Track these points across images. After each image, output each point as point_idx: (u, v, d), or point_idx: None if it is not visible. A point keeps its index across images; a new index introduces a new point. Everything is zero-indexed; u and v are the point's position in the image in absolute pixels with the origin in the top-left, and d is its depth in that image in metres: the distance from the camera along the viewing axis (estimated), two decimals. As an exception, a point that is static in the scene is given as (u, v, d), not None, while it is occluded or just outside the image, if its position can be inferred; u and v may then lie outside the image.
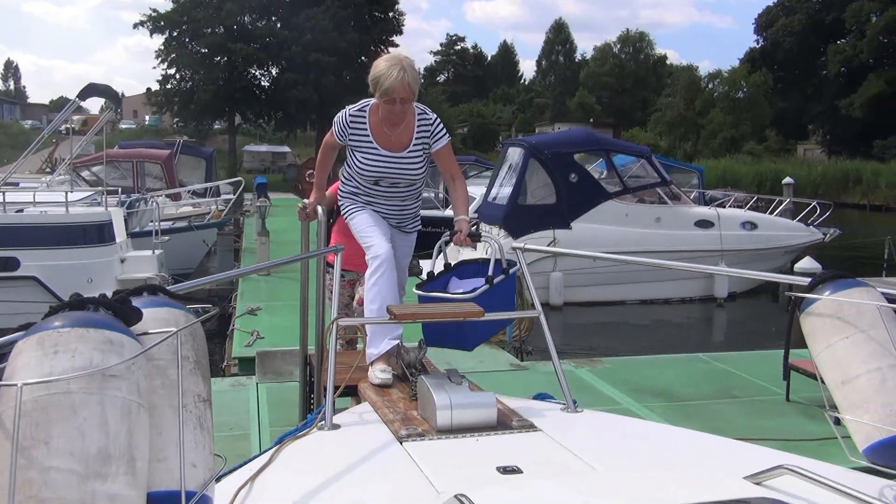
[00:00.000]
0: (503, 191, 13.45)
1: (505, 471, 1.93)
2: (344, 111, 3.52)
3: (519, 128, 60.52)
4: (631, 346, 10.62)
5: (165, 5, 43.02)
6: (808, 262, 11.02)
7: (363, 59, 45.09)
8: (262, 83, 45.93)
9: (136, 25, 42.97)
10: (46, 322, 1.39)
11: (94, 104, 40.06)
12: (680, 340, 11.15)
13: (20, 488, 1.23)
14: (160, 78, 43.86)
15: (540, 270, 11.91)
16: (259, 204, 14.26)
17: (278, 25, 44.31)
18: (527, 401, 2.68)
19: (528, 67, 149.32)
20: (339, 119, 3.52)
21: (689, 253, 12.67)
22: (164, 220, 13.75)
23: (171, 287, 1.83)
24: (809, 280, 2.19)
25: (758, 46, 55.89)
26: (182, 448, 1.49)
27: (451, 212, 3.60)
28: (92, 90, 14.25)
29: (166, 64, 43.22)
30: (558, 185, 12.92)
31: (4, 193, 10.62)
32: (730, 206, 16.25)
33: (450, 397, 2.34)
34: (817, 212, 15.58)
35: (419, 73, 3.43)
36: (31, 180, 16.15)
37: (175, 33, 43.09)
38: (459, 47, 79.99)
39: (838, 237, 15.24)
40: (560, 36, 76.65)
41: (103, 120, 14.52)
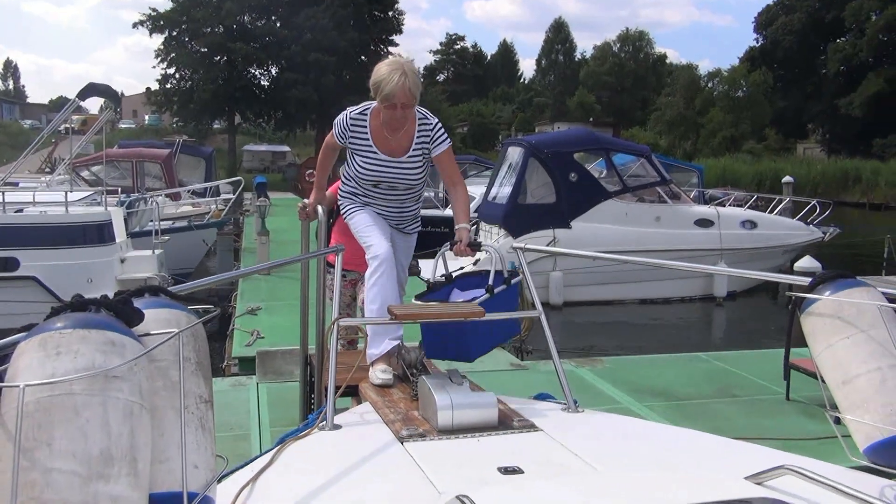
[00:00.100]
0: (503, 190, 13.45)
1: (506, 471, 1.93)
2: (345, 113, 3.49)
3: (519, 127, 60.52)
4: (631, 345, 10.62)
5: (165, 5, 43.03)
6: (807, 260, 11.02)
7: (363, 58, 45.10)
8: (262, 83, 45.93)
9: (135, 25, 42.99)
10: (48, 323, 1.39)
11: (93, 104, 40.09)
12: (680, 339, 11.16)
13: (22, 489, 1.24)
14: (160, 77, 43.89)
15: (540, 270, 11.92)
16: (259, 203, 14.25)
17: (278, 25, 44.31)
18: (528, 401, 2.69)
19: (527, 67, 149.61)
20: (339, 121, 3.49)
21: (689, 252, 12.68)
22: (163, 219, 13.75)
23: (173, 288, 1.84)
24: (810, 280, 2.19)
25: (757, 45, 55.87)
26: (184, 449, 1.49)
27: (451, 211, 3.58)
28: (91, 90, 14.26)
29: (166, 63, 43.23)
30: (558, 184, 12.92)
31: (4, 193, 10.62)
32: (729, 205, 16.25)
33: (451, 397, 2.34)
34: (817, 211, 15.58)
35: (420, 74, 3.40)
36: (30, 180, 16.16)
37: (174, 33, 43.07)
38: (459, 46, 80.00)
39: (838, 236, 15.25)
40: (560, 35, 76.63)
41: (103, 120, 14.54)
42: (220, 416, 1.54)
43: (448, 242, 3.36)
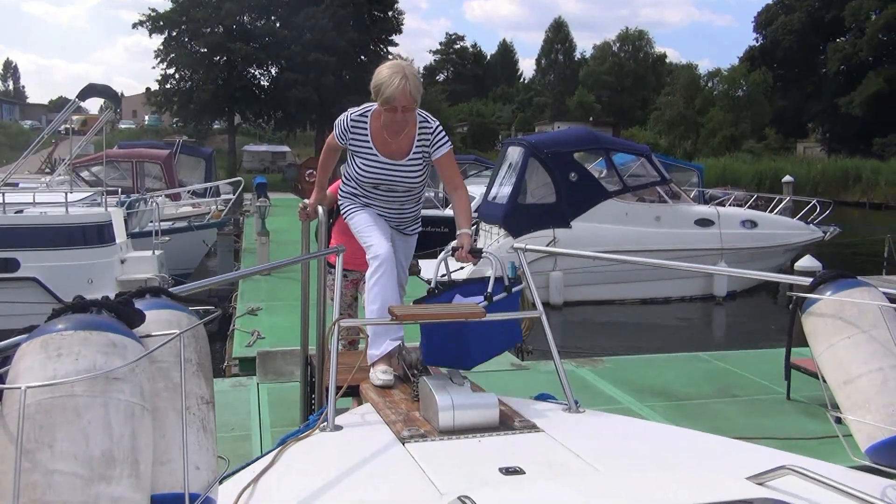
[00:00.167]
0: (503, 190, 13.45)
1: (507, 471, 1.93)
2: (346, 114, 3.47)
3: (518, 127, 60.52)
4: (631, 345, 10.62)
5: (165, 5, 43.05)
6: (808, 260, 11.03)
7: (363, 58, 45.15)
8: (262, 83, 45.95)
9: (135, 25, 43.02)
10: (49, 325, 1.39)
11: (93, 104, 40.11)
12: (680, 339, 11.16)
13: (24, 491, 1.24)
14: (159, 78, 43.92)
15: (540, 270, 11.92)
16: (259, 204, 14.25)
17: (278, 25, 44.32)
18: (529, 401, 2.69)
19: (527, 66, 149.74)
20: (340, 122, 3.48)
21: (690, 251, 12.68)
22: (163, 220, 13.75)
23: (174, 289, 1.84)
24: (811, 280, 2.19)
25: (757, 45, 55.88)
26: (185, 450, 1.49)
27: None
28: (91, 90, 14.26)
29: (165, 64, 43.24)
30: (558, 184, 12.92)
31: (4, 194, 10.60)
32: (730, 205, 16.26)
33: (452, 398, 2.34)
34: (817, 210, 15.59)
35: (420, 75, 3.38)
36: (30, 181, 16.16)
37: (174, 33, 43.08)
38: (459, 46, 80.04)
39: (838, 235, 15.25)
40: (559, 35, 76.62)
41: (103, 120, 14.54)
42: (221, 416, 1.54)
43: (450, 248, 3.32)
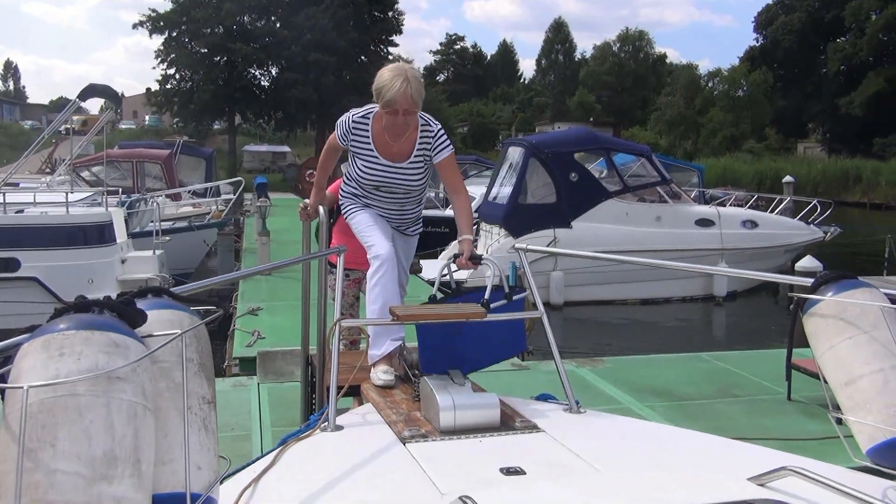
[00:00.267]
0: (503, 190, 13.46)
1: (508, 472, 1.93)
2: (348, 115, 3.46)
3: (519, 127, 60.53)
4: (631, 345, 10.63)
5: (165, 5, 43.05)
6: (808, 260, 11.03)
7: (363, 58, 45.19)
8: (262, 83, 45.95)
9: (135, 26, 43.01)
10: (52, 324, 1.39)
11: (93, 104, 40.19)
12: (680, 339, 11.16)
13: (26, 491, 1.24)
14: (160, 78, 43.90)
15: (540, 270, 11.93)
16: (259, 204, 14.25)
17: (278, 25, 44.31)
18: (529, 401, 2.69)
19: (527, 66, 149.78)
20: (341, 123, 3.47)
21: (690, 252, 12.68)
22: (164, 220, 13.76)
23: (175, 289, 1.84)
24: (812, 280, 2.19)
25: (757, 45, 55.89)
26: (187, 450, 1.49)
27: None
28: (92, 90, 14.28)
29: (166, 64, 43.24)
30: (558, 184, 12.93)
31: (5, 194, 10.62)
32: (730, 205, 16.27)
33: (453, 398, 2.35)
34: (818, 210, 15.59)
35: (422, 81, 3.30)
36: (31, 181, 16.17)
37: (174, 33, 43.08)
38: (459, 46, 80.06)
39: (839, 236, 15.25)
40: (560, 35, 76.64)
41: (103, 120, 14.55)
42: (221, 416, 1.54)
43: (451, 255, 3.31)
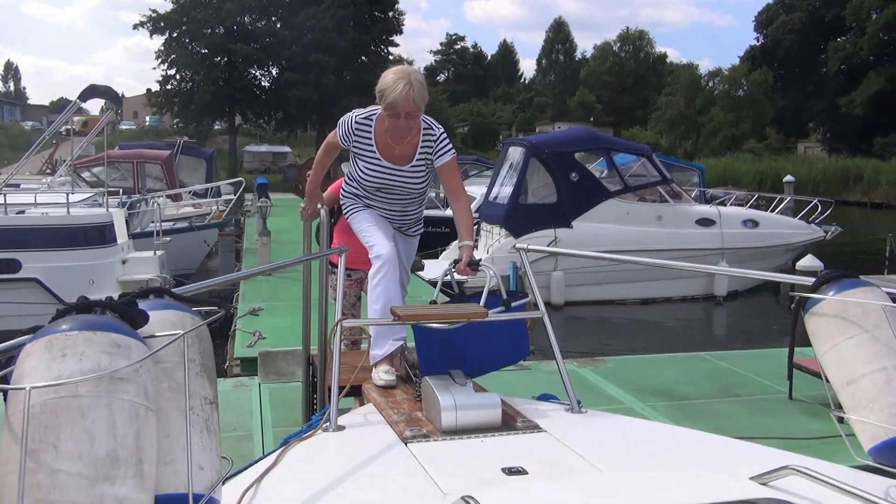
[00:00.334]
0: (504, 190, 13.46)
1: (510, 472, 1.93)
2: (350, 116, 3.43)
3: (519, 127, 60.52)
4: (632, 344, 10.62)
5: (165, 6, 43.10)
6: (809, 259, 11.02)
7: (363, 58, 45.23)
8: (263, 83, 46.01)
9: (136, 26, 43.06)
10: (54, 325, 1.39)
11: (94, 105, 40.20)
12: (681, 339, 11.16)
13: (29, 491, 1.24)
14: (160, 79, 44.00)
15: (541, 270, 11.93)
16: (260, 204, 14.25)
17: (278, 25, 44.35)
18: (531, 401, 2.68)
19: (528, 66, 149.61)
20: (344, 123, 3.44)
21: (691, 251, 12.68)
22: (164, 220, 13.74)
23: (177, 289, 1.84)
24: (814, 280, 2.19)
25: (758, 44, 55.88)
26: (189, 450, 1.49)
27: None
28: (93, 91, 14.25)
29: (166, 65, 43.29)
30: (559, 184, 12.92)
31: (5, 195, 10.62)
32: (731, 205, 16.26)
33: (454, 398, 2.34)
34: (818, 210, 15.58)
35: (426, 86, 3.25)
36: (31, 182, 16.16)
37: (175, 34, 43.12)
38: (459, 46, 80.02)
39: (839, 235, 15.24)
40: (560, 35, 76.63)
41: (104, 121, 14.52)
42: (223, 416, 1.54)
43: (453, 261, 3.31)
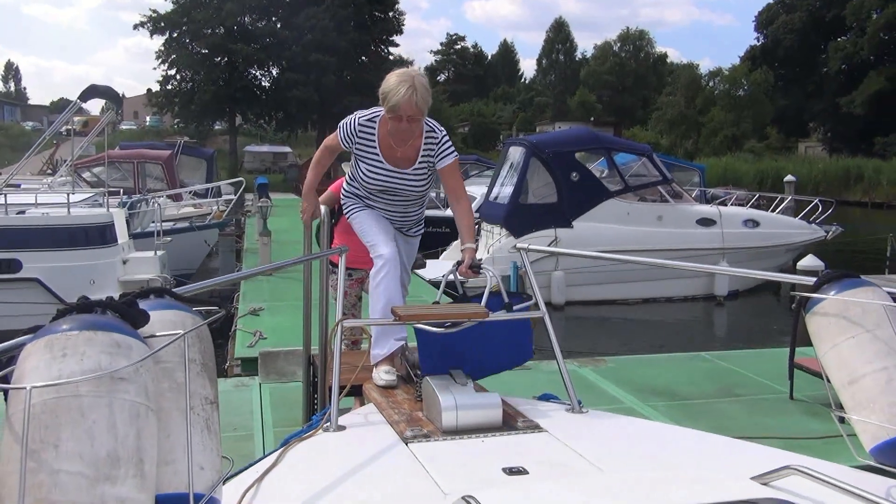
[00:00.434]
0: (504, 190, 13.45)
1: (511, 472, 1.93)
2: (353, 118, 3.41)
3: (520, 127, 60.51)
4: (633, 344, 10.62)
5: (165, 6, 43.13)
6: (810, 259, 11.02)
7: (363, 58, 45.25)
8: (263, 83, 46.05)
9: (136, 26, 43.10)
10: (54, 325, 1.39)
11: (94, 105, 40.21)
12: (682, 339, 11.15)
13: (30, 491, 1.24)
14: (160, 79, 44.06)
15: (542, 269, 11.93)
16: (261, 204, 14.24)
17: (278, 26, 44.38)
18: (532, 401, 2.68)
19: (528, 66, 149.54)
20: (346, 125, 3.40)
21: (691, 251, 12.67)
22: (165, 220, 13.74)
23: (177, 289, 1.84)
24: (815, 279, 2.19)
25: (758, 44, 55.87)
26: (190, 450, 1.49)
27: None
28: (93, 91, 14.25)
29: (167, 65, 43.34)
30: (559, 183, 12.92)
31: (6, 195, 10.62)
32: (731, 204, 16.25)
33: (455, 398, 2.34)
34: (819, 209, 15.58)
35: (429, 83, 3.24)
36: (32, 182, 16.15)
37: (175, 34, 43.16)
38: (459, 46, 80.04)
39: (840, 235, 15.23)
40: (560, 35, 76.63)
41: (104, 121, 14.52)
42: (223, 416, 1.54)
43: (455, 263, 3.30)
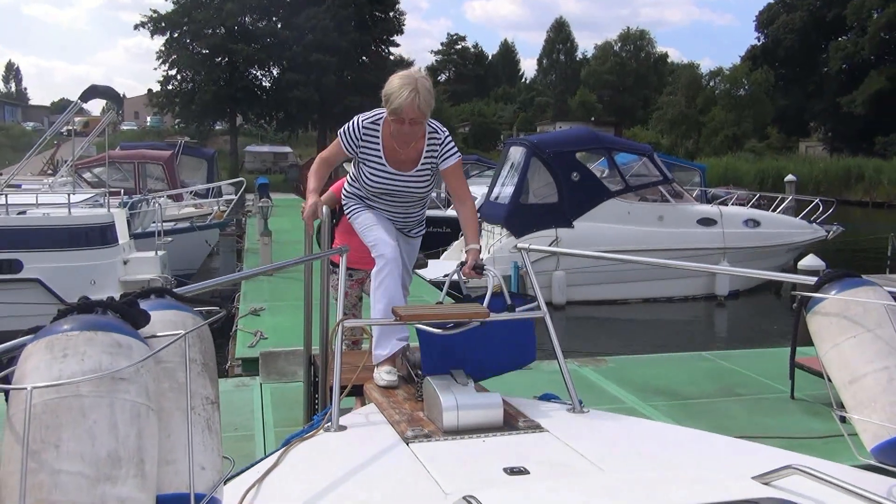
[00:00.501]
0: (505, 190, 13.45)
1: (512, 472, 1.93)
2: (355, 121, 3.38)
3: (520, 127, 60.51)
4: (634, 344, 10.61)
5: (166, 6, 43.16)
6: (811, 259, 11.00)
7: (364, 58, 45.26)
8: (264, 83, 46.10)
9: (136, 26, 43.15)
10: (55, 325, 1.39)
11: (95, 106, 40.24)
12: (683, 339, 11.15)
13: (31, 491, 1.24)
14: (161, 79, 44.12)
15: (542, 269, 11.92)
16: (261, 204, 14.25)
17: (279, 26, 44.41)
18: (533, 401, 2.68)
19: (528, 66, 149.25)
20: (349, 130, 3.37)
21: (692, 251, 12.67)
22: (166, 220, 13.75)
23: (178, 289, 1.83)
24: (816, 279, 2.19)
25: (759, 44, 55.84)
26: (191, 450, 1.49)
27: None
28: (94, 92, 14.25)
29: (167, 65, 43.39)
30: (560, 183, 12.92)
31: (7, 195, 10.63)
32: (732, 204, 16.25)
33: (456, 398, 2.34)
34: (820, 209, 15.56)
35: (432, 85, 3.21)
36: (33, 182, 16.15)
37: (176, 34, 43.20)
38: (460, 46, 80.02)
39: (841, 234, 15.22)
40: (561, 35, 76.65)
41: (105, 121, 14.53)
42: (224, 416, 1.54)
43: (459, 263, 3.30)
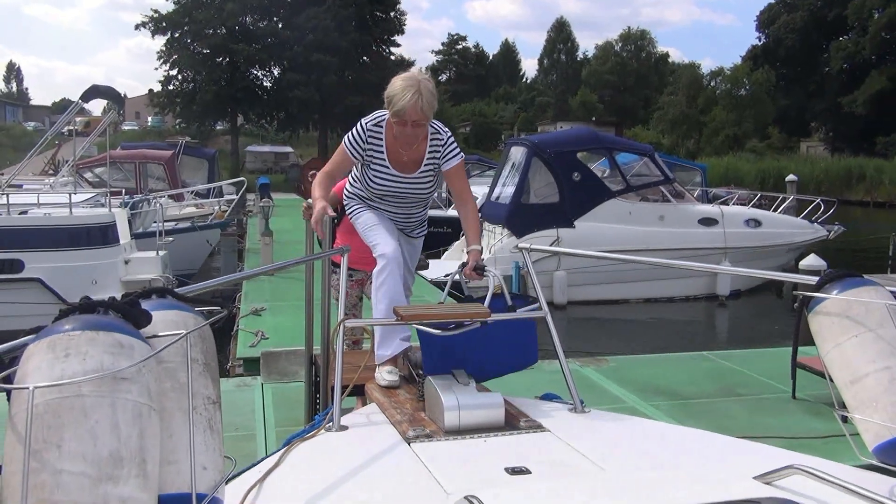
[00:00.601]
0: (506, 190, 13.45)
1: (513, 471, 1.93)
2: (359, 125, 3.36)
3: (521, 127, 60.50)
4: (635, 344, 10.61)
5: (167, 6, 43.16)
6: (812, 259, 11.00)
7: (365, 58, 45.26)
8: (264, 83, 46.10)
9: (137, 27, 43.15)
10: (57, 325, 1.39)
11: (96, 106, 40.30)
12: (684, 338, 11.15)
13: (32, 491, 1.24)
14: (162, 79, 44.10)
15: (543, 269, 11.92)
16: (262, 204, 14.25)
17: (280, 26, 44.41)
18: (534, 401, 2.68)
19: (529, 66, 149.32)
20: (354, 133, 3.35)
21: (693, 251, 12.66)
22: (167, 220, 13.74)
23: (179, 289, 1.84)
24: (817, 279, 2.19)
25: (760, 44, 55.85)
26: (192, 450, 1.49)
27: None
28: (95, 92, 14.25)
29: (168, 65, 43.39)
30: (561, 183, 12.91)
31: (8, 195, 10.64)
32: (733, 204, 16.24)
33: (457, 398, 2.34)
34: (821, 209, 15.55)
35: (434, 87, 3.20)
36: (34, 182, 16.16)
37: (177, 34, 43.20)
38: (461, 46, 79.98)
39: (842, 234, 15.22)
40: (561, 35, 76.65)
41: (106, 121, 14.55)
42: (226, 416, 1.54)
43: (460, 264, 3.30)
